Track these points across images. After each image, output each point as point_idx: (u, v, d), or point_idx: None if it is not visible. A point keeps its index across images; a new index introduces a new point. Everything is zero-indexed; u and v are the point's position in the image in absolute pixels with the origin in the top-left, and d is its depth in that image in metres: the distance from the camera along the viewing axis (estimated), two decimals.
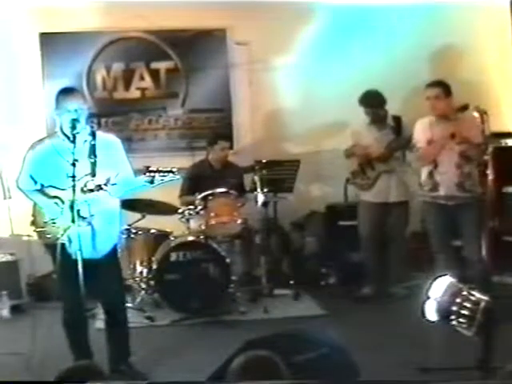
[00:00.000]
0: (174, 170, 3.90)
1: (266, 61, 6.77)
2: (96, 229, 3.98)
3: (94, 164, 3.90)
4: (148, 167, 3.91)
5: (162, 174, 3.87)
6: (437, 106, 5.10)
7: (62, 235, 3.86)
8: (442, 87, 5.13)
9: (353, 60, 6.79)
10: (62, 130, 3.98)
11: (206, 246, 5.54)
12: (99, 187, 3.86)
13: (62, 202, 3.91)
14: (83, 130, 3.94)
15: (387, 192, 5.84)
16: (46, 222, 4.00)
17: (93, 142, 3.96)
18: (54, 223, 3.94)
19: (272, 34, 6.64)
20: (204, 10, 6.41)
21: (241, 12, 6.51)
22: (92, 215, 3.93)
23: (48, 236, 3.98)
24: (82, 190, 3.85)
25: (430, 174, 5.17)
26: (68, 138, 3.92)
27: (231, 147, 6.41)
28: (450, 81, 6.43)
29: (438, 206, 5.17)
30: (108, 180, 3.88)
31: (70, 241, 3.85)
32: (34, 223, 4.12)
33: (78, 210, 3.82)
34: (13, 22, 6.41)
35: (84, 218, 3.89)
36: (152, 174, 3.86)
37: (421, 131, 5.24)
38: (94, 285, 3.88)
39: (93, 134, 3.99)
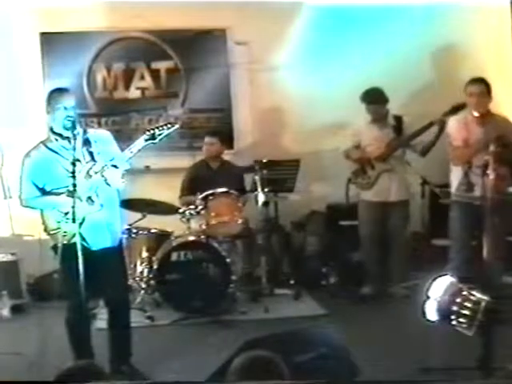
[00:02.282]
0: (172, 122, 3.93)
1: (265, 61, 6.77)
2: (107, 214, 4.02)
3: (91, 152, 3.95)
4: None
5: (160, 128, 3.89)
6: (482, 102, 4.95)
7: (75, 233, 3.85)
8: (485, 84, 5.01)
9: (353, 60, 6.79)
10: (52, 130, 4.01)
11: (207, 246, 5.54)
12: (103, 169, 3.87)
13: (72, 192, 3.91)
14: (75, 126, 3.96)
15: (387, 191, 5.84)
16: (59, 222, 4.00)
17: (85, 136, 3.99)
18: (68, 219, 3.93)
19: (272, 34, 6.64)
20: (204, 10, 6.42)
21: (241, 12, 6.52)
22: (102, 197, 3.97)
23: (64, 234, 3.97)
24: (86, 177, 3.86)
25: (466, 175, 5.01)
26: (60, 136, 3.95)
27: (230, 144, 6.43)
28: (450, 81, 6.46)
29: (472, 207, 4.99)
30: (111, 160, 3.91)
31: (83, 235, 3.87)
32: (46, 229, 4.12)
33: (90, 197, 3.90)
34: (13, 21, 6.41)
35: (93, 202, 3.91)
36: (151, 132, 3.87)
37: (456, 129, 5.11)
38: (100, 283, 3.91)
39: (84, 129, 4.06)
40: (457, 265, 5.06)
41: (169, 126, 3.92)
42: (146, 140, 3.89)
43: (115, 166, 3.90)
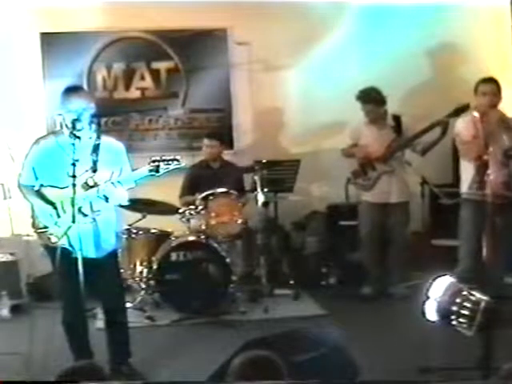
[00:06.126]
0: (177, 157, 3.87)
1: (266, 61, 6.77)
2: (97, 227, 3.99)
3: (95, 161, 3.91)
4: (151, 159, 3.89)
5: (166, 162, 3.83)
6: (493, 101, 4.91)
7: (62, 236, 3.85)
8: (497, 84, 5.00)
9: (353, 60, 6.79)
10: (67, 126, 3.97)
11: (207, 246, 5.54)
12: (98, 184, 3.87)
13: (56, 209, 3.91)
14: (87, 127, 3.94)
15: (388, 192, 5.83)
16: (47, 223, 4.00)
17: (97, 142, 3.97)
18: (56, 223, 3.93)
19: (272, 34, 6.64)
20: (204, 10, 6.42)
21: (241, 12, 6.52)
22: (95, 211, 3.94)
23: (50, 237, 3.98)
24: (83, 187, 3.86)
25: (478, 172, 4.90)
26: (73, 134, 3.92)
27: (230, 144, 6.44)
28: (450, 81, 6.45)
29: (485, 205, 4.73)
30: (111, 175, 3.90)
31: (71, 241, 3.84)
32: (33, 225, 4.11)
33: (80, 208, 3.84)
34: (13, 21, 6.41)
35: (85, 215, 3.89)
36: (156, 164, 3.83)
37: (464, 128, 5.04)
38: (93, 285, 3.89)
39: (98, 134, 4.02)
40: (466, 266, 5.03)
41: (175, 163, 3.84)
42: (150, 171, 3.84)
43: (119, 182, 3.90)
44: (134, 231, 5.75)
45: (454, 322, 2.11)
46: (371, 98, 5.75)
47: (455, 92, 5.42)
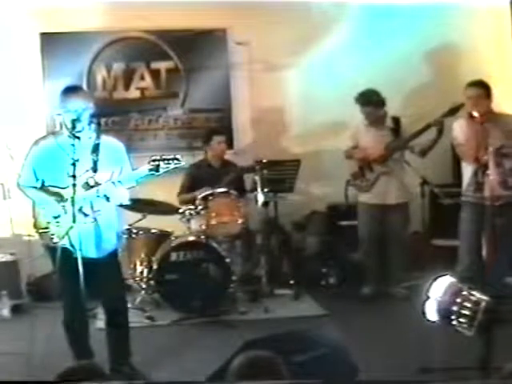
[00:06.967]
0: (177, 156, 3.84)
1: (266, 61, 6.77)
2: (99, 227, 3.99)
3: (96, 161, 3.91)
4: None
5: (166, 161, 3.81)
6: (479, 105, 4.91)
7: (64, 236, 3.84)
8: (484, 87, 5.00)
9: (353, 60, 6.79)
10: (66, 126, 3.96)
11: (207, 246, 5.55)
12: (98, 184, 3.87)
13: (63, 199, 3.90)
14: (87, 127, 3.93)
15: (386, 193, 5.82)
16: (48, 223, 3.99)
17: (97, 141, 3.97)
18: (58, 222, 3.93)
19: (272, 34, 6.64)
20: (204, 10, 6.42)
21: (241, 12, 6.52)
22: (96, 211, 3.94)
23: (51, 236, 3.97)
24: (83, 186, 3.86)
25: (475, 174, 4.91)
26: (72, 134, 3.92)
27: (230, 144, 6.49)
28: (450, 81, 6.44)
29: (482, 207, 4.87)
30: (112, 175, 3.89)
31: (72, 241, 3.84)
32: (35, 225, 4.11)
33: (81, 208, 3.84)
34: (13, 22, 6.41)
35: (86, 215, 3.89)
36: (156, 163, 3.81)
37: (460, 130, 5.09)
38: (95, 285, 3.88)
39: (97, 133, 4.01)
40: (466, 266, 5.03)
41: (175, 162, 3.82)
42: (150, 170, 3.82)
43: (120, 182, 3.89)
44: (135, 231, 5.75)
45: (454, 322, 2.11)
46: (370, 101, 5.75)
47: (455, 93, 5.41)
